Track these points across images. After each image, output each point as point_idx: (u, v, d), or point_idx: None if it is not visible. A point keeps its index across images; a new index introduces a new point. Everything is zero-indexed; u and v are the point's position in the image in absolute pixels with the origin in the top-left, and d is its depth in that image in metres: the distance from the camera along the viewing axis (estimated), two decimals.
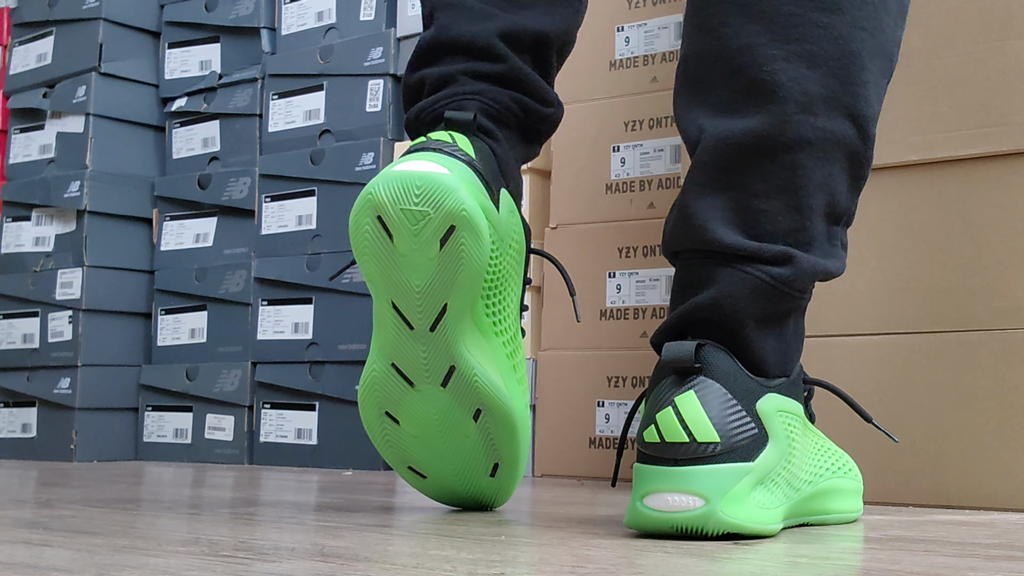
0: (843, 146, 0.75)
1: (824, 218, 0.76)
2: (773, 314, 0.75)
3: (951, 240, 1.00)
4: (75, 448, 1.86)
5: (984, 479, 0.96)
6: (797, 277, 0.74)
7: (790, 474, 0.75)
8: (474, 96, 0.86)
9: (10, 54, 2.12)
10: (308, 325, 1.74)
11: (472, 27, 0.87)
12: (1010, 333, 0.96)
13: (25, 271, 1.99)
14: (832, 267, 0.77)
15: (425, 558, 0.61)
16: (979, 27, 0.99)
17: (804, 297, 0.76)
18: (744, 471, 0.71)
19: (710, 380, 0.72)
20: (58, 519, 0.84)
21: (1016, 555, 0.64)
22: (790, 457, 0.75)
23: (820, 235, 0.75)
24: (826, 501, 0.81)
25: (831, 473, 0.81)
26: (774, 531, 0.74)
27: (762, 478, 0.72)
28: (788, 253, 0.73)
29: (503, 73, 0.87)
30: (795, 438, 0.75)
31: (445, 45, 0.88)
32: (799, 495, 0.77)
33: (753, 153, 0.74)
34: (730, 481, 0.70)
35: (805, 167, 0.74)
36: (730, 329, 0.73)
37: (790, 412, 0.75)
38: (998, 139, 0.98)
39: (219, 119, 1.92)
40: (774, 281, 0.73)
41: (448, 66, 0.87)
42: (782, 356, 0.76)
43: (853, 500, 0.84)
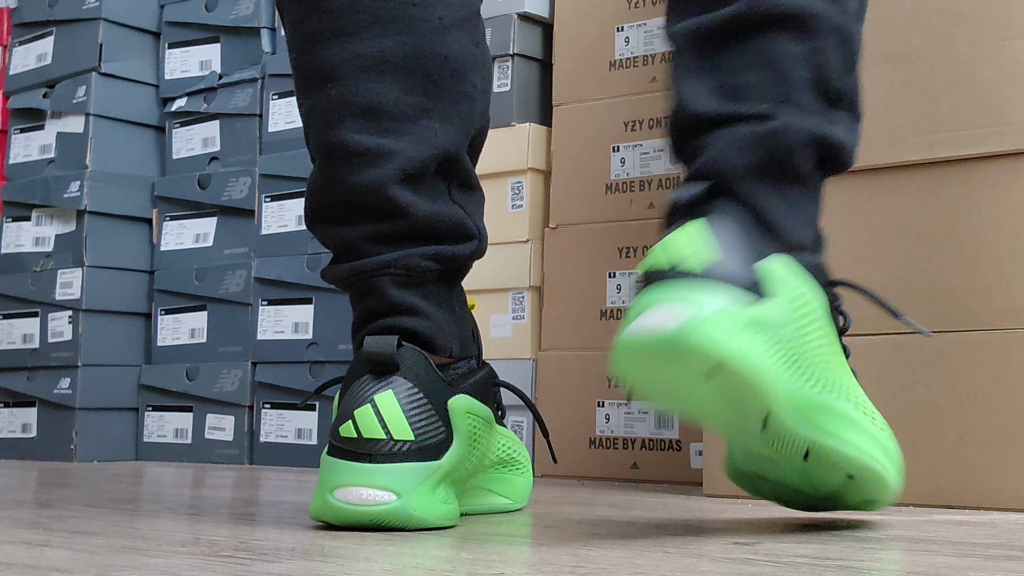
0: (824, 19, 0.73)
1: (814, 92, 0.73)
2: (770, 171, 0.72)
3: (951, 240, 1.00)
4: (75, 448, 1.86)
5: (984, 479, 0.96)
6: (782, 129, 0.71)
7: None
8: (381, 271, 0.79)
9: (10, 54, 2.12)
10: (308, 325, 1.74)
11: (363, 176, 0.79)
12: (1010, 333, 0.96)
13: (25, 271, 1.99)
14: (833, 133, 0.73)
15: (425, 558, 0.61)
16: (979, 27, 0.99)
17: (800, 162, 0.72)
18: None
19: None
20: (58, 519, 0.84)
21: (1016, 555, 0.64)
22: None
23: (811, 107, 0.73)
24: (835, 423, 0.72)
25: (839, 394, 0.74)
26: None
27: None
28: (770, 111, 0.72)
29: (406, 230, 0.79)
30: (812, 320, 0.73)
31: (337, 200, 0.80)
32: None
33: (731, 33, 0.73)
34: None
35: (782, 40, 0.72)
36: (729, 186, 0.71)
37: (803, 285, 0.72)
38: (998, 139, 0.98)
39: (219, 119, 1.92)
40: (756, 135, 0.71)
41: (347, 228, 0.80)
42: (800, 221, 0.73)
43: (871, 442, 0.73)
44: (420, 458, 0.75)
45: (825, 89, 0.73)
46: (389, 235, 0.80)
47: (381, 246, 0.80)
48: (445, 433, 0.77)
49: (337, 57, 0.79)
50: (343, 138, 0.79)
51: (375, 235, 0.80)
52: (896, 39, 1.03)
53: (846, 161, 0.76)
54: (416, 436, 0.75)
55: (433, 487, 0.76)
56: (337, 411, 0.78)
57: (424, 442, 0.75)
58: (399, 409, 0.75)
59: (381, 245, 0.80)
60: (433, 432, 0.76)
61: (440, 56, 0.80)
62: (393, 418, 0.74)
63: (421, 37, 0.80)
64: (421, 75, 0.80)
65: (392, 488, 0.74)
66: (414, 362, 0.77)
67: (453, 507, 0.79)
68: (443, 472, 0.77)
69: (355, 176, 0.79)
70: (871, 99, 1.03)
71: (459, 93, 0.81)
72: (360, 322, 0.82)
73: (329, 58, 0.80)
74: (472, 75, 0.82)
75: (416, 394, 0.76)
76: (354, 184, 0.79)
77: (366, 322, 0.81)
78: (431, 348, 0.80)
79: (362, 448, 0.74)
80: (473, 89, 0.82)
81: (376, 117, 0.79)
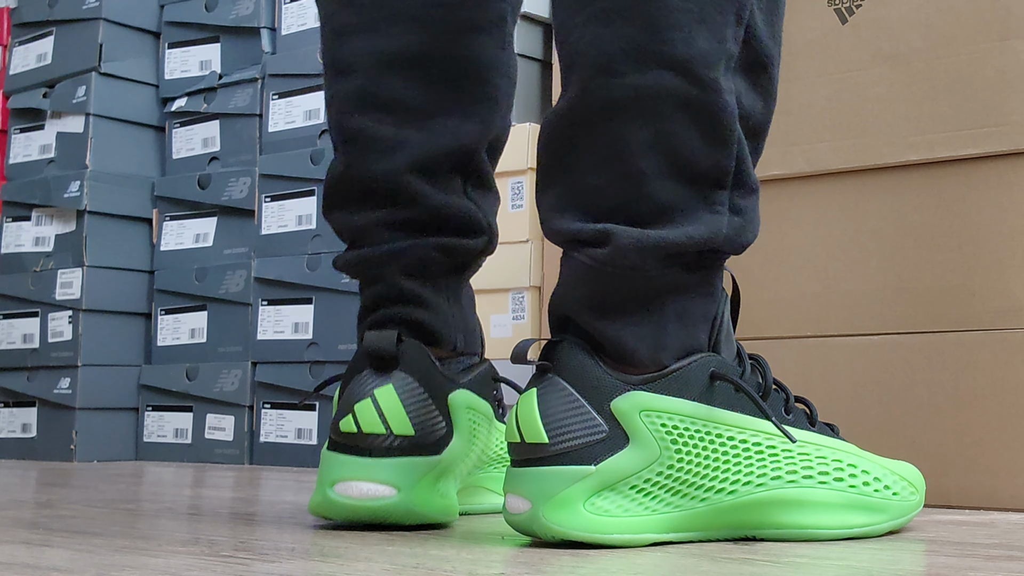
0: (668, 98, 0.66)
1: (675, 180, 0.67)
2: (617, 299, 0.68)
3: (951, 240, 1.00)
4: (75, 448, 1.86)
5: (984, 479, 0.96)
6: (616, 255, 0.66)
7: (667, 477, 0.67)
8: (391, 260, 0.79)
9: (10, 54, 2.12)
10: (308, 325, 1.74)
11: (380, 164, 0.80)
12: (1010, 333, 0.96)
13: (25, 271, 1.99)
14: (701, 234, 0.67)
15: (425, 558, 0.61)
16: (979, 27, 0.99)
17: (655, 275, 0.67)
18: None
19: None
20: (58, 519, 0.84)
21: (1016, 555, 0.64)
22: (666, 460, 0.67)
23: (675, 201, 0.67)
24: (771, 514, 0.69)
25: (779, 481, 0.69)
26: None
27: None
28: (606, 231, 0.66)
29: (417, 219, 0.80)
30: (674, 440, 0.67)
31: (354, 186, 0.81)
32: (685, 502, 0.68)
33: (569, 128, 0.69)
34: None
35: (622, 131, 0.66)
36: (569, 318, 0.69)
37: (664, 411, 0.66)
38: (998, 139, 0.98)
39: (219, 119, 1.92)
40: (594, 263, 0.67)
41: (361, 215, 0.81)
42: (652, 345, 0.68)
43: (834, 514, 0.70)
44: (420, 453, 0.75)
45: (688, 171, 0.67)
46: (401, 222, 0.80)
47: (393, 233, 0.80)
48: (446, 428, 0.77)
49: (362, 50, 0.81)
50: (362, 125, 0.81)
51: (387, 222, 0.80)
52: (896, 39, 1.03)
53: (733, 244, 0.69)
54: (416, 431, 0.75)
55: (433, 482, 0.76)
56: (337, 406, 0.78)
57: (424, 437, 0.75)
58: (399, 404, 0.75)
59: (393, 232, 0.80)
60: (433, 427, 0.76)
61: (461, 56, 0.81)
62: (393, 412, 0.74)
63: (443, 37, 0.81)
64: (442, 73, 0.81)
65: (392, 483, 0.74)
66: (415, 356, 0.76)
67: (452, 502, 0.78)
68: (443, 467, 0.77)
69: (371, 163, 0.80)
70: (871, 99, 1.03)
71: (480, 94, 0.82)
72: (367, 309, 0.82)
73: (354, 50, 0.81)
74: (495, 77, 0.83)
75: (417, 389, 0.76)
76: (370, 170, 0.80)
77: (372, 309, 0.81)
78: (435, 340, 0.80)
79: (362, 443, 0.74)
80: (496, 91, 0.83)
81: (395, 110, 0.80)
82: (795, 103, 1.07)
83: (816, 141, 1.06)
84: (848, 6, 1.05)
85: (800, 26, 1.07)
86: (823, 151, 1.06)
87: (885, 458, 0.75)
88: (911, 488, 0.74)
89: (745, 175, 0.69)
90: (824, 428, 0.74)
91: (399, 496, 0.74)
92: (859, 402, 1.02)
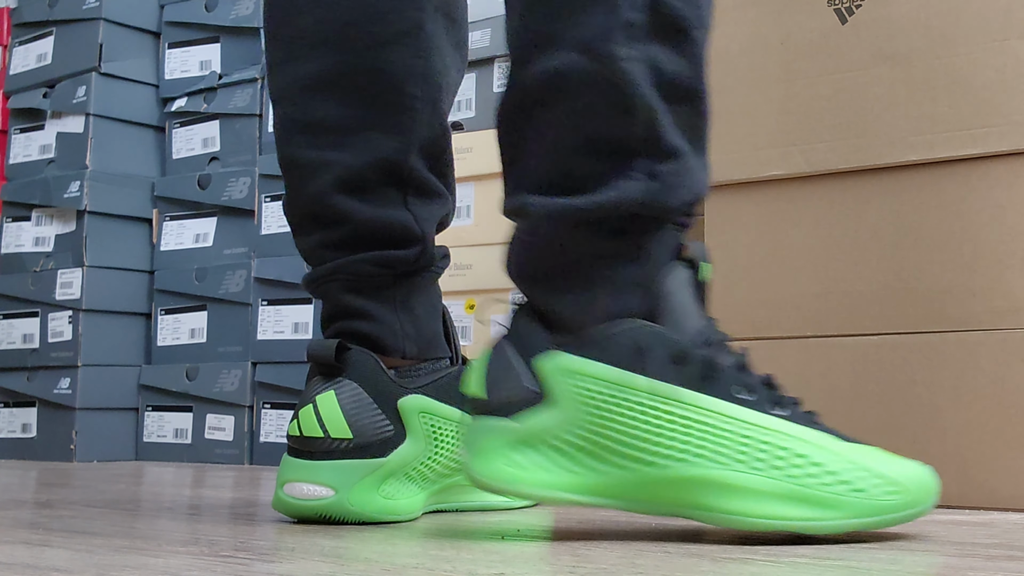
0: (573, 77, 0.68)
1: (589, 155, 0.69)
2: (546, 268, 0.71)
3: (951, 240, 1.00)
4: (75, 448, 1.86)
5: (984, 479, 0.96)
6: (532, 226, 0.70)
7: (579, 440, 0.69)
8: (331, 278, 0.83)
9: (10, 54, 2.12)
10: (308, 325, 1.74)
11: (309, 187, 0.84)
12: (1010, 333, 0.96)
13: (25, 271, 1.99)
14: (610, 199, 0.68)
15: (425, 558, 0.61)
16: (979, 27, 0.99)
17: (574, 243, 0.69)
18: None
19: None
20: (58, 519, 0.84)
21: (1016, 555, 0.64)
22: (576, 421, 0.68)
23: (591, 173, 0.69)
24: (698, 494, 0.67)
25: (706, 460, 0.67)
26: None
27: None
28: (523, 204, 0.70)
29: (350, 236, 0.83)
30: (587, 403, 0.68)
31: (295, 212, 0.86)
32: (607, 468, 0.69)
33: (504, 119, 0.73)
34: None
35: (541, 114, 0.70)
36: (522, 288, 0.72)
37: (581, 373, 0.68)
38: (998, 139, 0.98)
39: (219, 119, 1.92)
40: (520, 233, 0.71)
41: (304, 238, 0.86)
42: (579, 310, 0.69)
43: (764, 503, 0.67)
44: (360, 455, 0.80)
45: (599, 146, 0.69)
46: (335, 241, 0.84)
47: (331, 252, 0.84)
48: (394, 431, 0.81)
49: (284, 80, 0.86)
50: (291, 153, 0.85)
51: (325, 242, 0.84)
52: (896, 39, 1.03)
53: (653, 209, 0.69)
54: (355, 434, 0.80)
55: (376, 483, 0.80)
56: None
57: (367, 440, 0.80)
58: (338, 409, 0.80)
59: (331, 251, 0.84)
60: (378, 430, 0.80)
61: (376, 70, 0.84)
62: (331, 417, 0.79)
63: (356, 54, 0.84)
64: (358, 90, 0.84)
65: (329, 484, 0.79)
66: (362, 364, 0.81)
67: (399, 503, 0.81)
68: (388, 469, 0.81)
69: (302, 187, 0.85)
70: (871, 99, 1.03)
71: (397, 104, 0.84)
72: (322, 326, 0.87)
73: (279, 82, 0.86)
74: (412, 87, 0.85)
75: (360, 394, 0.80)
76: (302, 195, 0.85)
77: (324, 326, 0.86)
78: (380, 350, 0.83)
79: (304, 446, 0.80)
80: (413, 99, 0.85)
81: (318, 132, 0.84)
82: (795, 103, 1.07)
83: (816, 141, 1.06)
84: (848, 6, 1.05)
85: (800, 26, 1.07)
86: (823, 151, 1.06)
87: (879, 453, 0.70)
88: (891, 487, 0.67)
89: (660, 140, 0.69)
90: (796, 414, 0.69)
91: (336, 496, 0.79)
92: (859, 402, 1.02)
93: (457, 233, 1.51)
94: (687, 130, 0.70)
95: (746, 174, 1.10)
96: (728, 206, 1.12)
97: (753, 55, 1.10)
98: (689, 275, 0.71)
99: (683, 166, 0.70)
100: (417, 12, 0.84)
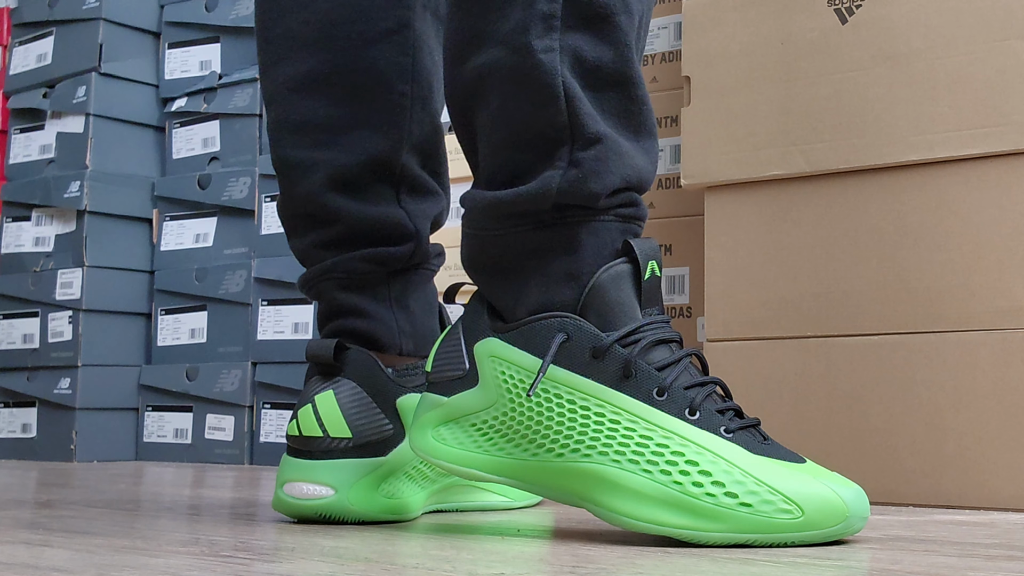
0: (498, 71, 0.70)
1: (516, 149, 0.70)
2: (484, 258, 0.73)
3: (951, 240, 1.00)
4: (75, 448, 1.86)
5: (984, 479, 0.96)
6: (468, 219, 0.73)
7: (510, 429, 0.70)
8: (325, 277, 0.84)
9: (10, 54, 2.12)
10: (308, 325, 1.74)
11: (300, 187, 0.84)
12: (1010, 333, 0.96)
13: (25, 271, 1.99)
14: (530, 189, 0.69)
15: (425, 558, 0.61)
16: (979, 27, 0.99)
17: (504, 234, 0.71)
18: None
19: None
20: (58, 519, 0.84)
21: (1016, 555, 0.64)
22: (501, 409, 0.70)
23: (521, 166, 0.70)
24: (590, 488, 0.68)
25: (602, 456, 0.67)
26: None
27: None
28: (464, 198, 0.73)
29: (344, 234, 0.84)
30: (508, 390, 0.70)
31: (288, 213, 0.86)
32: (524, 456, 0.70)
33: (453, 118, 0.75)
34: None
35: (475, 111, 0.72)
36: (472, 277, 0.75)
37: (505, 360, 0.70)
38: (998, 139, 0.98)
39: (219, 119, 1.92)
40: (463, 226, 0.73)
41: (299, 239, 0.86)
42: (512, 300, 0.71)
43: (644, 506, 0.66)
44: (359, 455, 0.80)
45: (525, 139, 0.70)
46: (329, 241, 0.84)
47: (325, 251, 0.84)
48: (393, 430, 0.81)
49: (275, 82, 0.86)
50: (283, 154, 0.85)
51: (318, 242, 0.84)
52: (896, 39, 1.03)
53: (575, 196, 0.69)
54: (355, 433, 0.80)
55: (375, 482, 0.80)
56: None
57: (366, 439, 0.80)
58: (337, 408, 0.80)
59: (325, 251, 0.84)
60: (378, 429, 0.80)
61: (363, 69, 0.84)
62: (330, 417, 0.80)
63: (343, 53, 0.84)
64: (346, 88, 0.84)
65: (329, 483, 0.79)
66: (360, 363, 0.81)
67: (399, 502, 0.81)
68: (389, 468, 0.80)
69: (294, 188, 0.85)
70: (871, 99, 1.03)
71: (386, 102, 0.85)
72: (319, 325, 0.87)
73: (269, 84, 0.87)
74: (400, 84, 0.85)
75: (359, 394, 0.81)
76: (294, 195, 0.85)
77: (321, 325, 0.86)
78: (377, 347, 0.83)
79: (303, 446, 0.80)
80: (402, 97, 0.85)
81: (308, 132, 0.85)
82: (795, 103, 1.07)
83: (816, 141, 1.06)
84: (848, 6, 1.05)
85: (800, 26, 1.07)
86: (823, 151, 1.06)
87: (811, 474, 0.66)
88: (785, 506, 0.64)
89: (581, 127, 0.69)
90: (711, 418, 0.67)
91: (336, 496, 0.79)
92: (859, 402, 1.02)
93: (454, 233, 1.51)
94: (617, 116, 0.71)
95: (746, 174, 1.10)
96: (728, 206, 1.12)
97: (753, 55, 1.10)
98: (628, 270, 0.70)
99: (607, 151, 0.70)
100: (404, 10, 0.85)
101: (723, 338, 1.11)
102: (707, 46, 1.13)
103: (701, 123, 1.13)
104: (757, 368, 1.08)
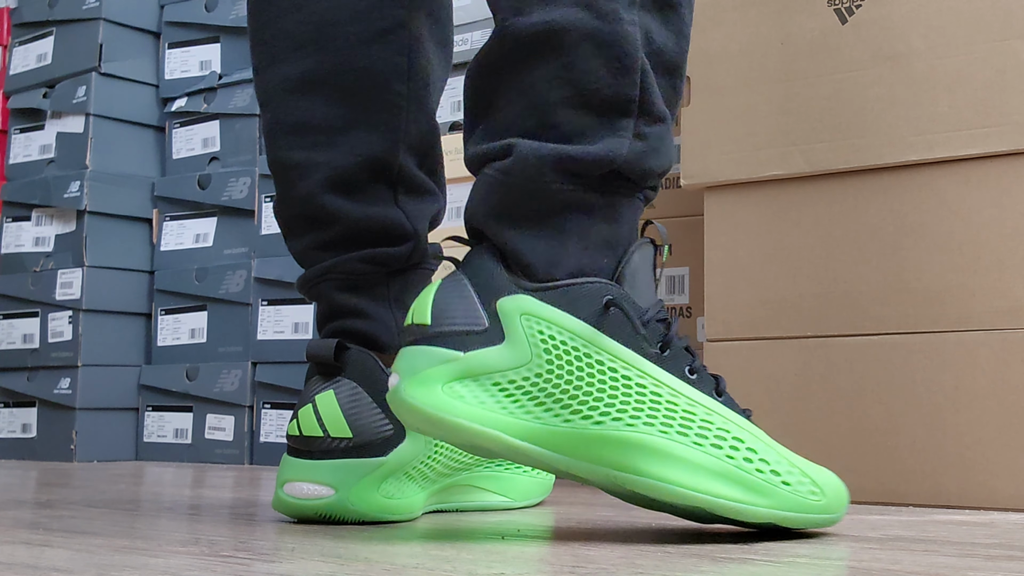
0: (573, 31, 0.68)
1: (580, 109, 0.69)
2: (521, 210, 0.70)
3: (951, 240, 1.00)
4: (75, 448, 1.86)
5: (984, 479, 0.96)
6: (517, 164, 0.69)
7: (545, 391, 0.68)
8: (323, 278, 0.84)
9: (10, 54, 2.12)
10: (308, 325, 1.74)
11: (298, 188, 0.84)
12: (1010, 333, 0.96)
13: (25, 271, 1.99)
14: (599, 150, 0.69)
15: (425, 558, 0.61)
16: (979, 27, 0.99)
17: (555, 188, 0.69)
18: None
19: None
20: (58, 519, 0.84)
21: (1016, 555, 0.64)
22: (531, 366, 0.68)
23: (578, 127, 0.69)
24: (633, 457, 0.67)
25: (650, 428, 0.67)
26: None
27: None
28: (509, 144, 0.69)
29: (342, 235, 0.84)
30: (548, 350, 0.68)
31: (286, 214, 0.86)
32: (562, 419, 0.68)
33: (488, 71, 0.72)
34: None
35: (533, 66, 0.70)
36: (480, 230, 0.71)
37: (545, 319, 0.68)
38: (998, 139, 0.98)
39: (219, 119, 1.92)
40: (499, 174, 0.70)
41: (297, 240, 0.86)
42: (548, 258, 0.69)
43: (699, 477, 0.67)
44: (360, 455, 0.80)
45: (592, 100, 0.69)
46: (327, 242, 0.84)
47: (324, 253, 0.84)
48: (393, 430, 0.81)
49: (270, 83, 0.86)
50: (280, 155, 0.86)
51: (317, 243, 0.84)
52: (896, 39, 1.03)
53: (634, 168, 0.70)
54: (355, 433, 0.79)
55: (376, 482, 0.80)
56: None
57: (367, 439, 0.80)
58: (337, 408, 0.79)
59: (323, 252, 0.84)
60: (378, 430, 0.80)
61: (359, 69, 0.84)
62: (330, 417, 0.79)
63: (339, 53, 0.84)
64: (342, 89, 0.84)
65: (329, 483, 0.79)
66: (361, 363, 0.81)
67: (399, 502, 0.81)
68: (389, 468, 0.80)
69: (291, 189, 0.85)
70: (871, 99, 1.03)
71: (382, 102, 0.84)
72: (319, 326, 0.87)
73: (265, 84, 0.86)
74: (397, 84, 0.85)
75: (359, 393, 0.80)
76: (292, 197, 0.85)
77: (320, 326, 0.86)
78: (376, 347, 0.83)
79: (304, 445, 0.80)
80: (398, 97, 0.85)
81: (305, 133, 0.84)
82: (795, 103, 1.07)
83: (816, 141, 1.06)
84: (848, 6, 1.05)
85: (800, 26, 1.07)
86: (823, 151, 1.06)
87: (800, 457, 0.70)
88: (813, 488, 0.68)
89: (651, 104, 0.70)
90: (732, 404, 0.71)
91: (336, 496, 0.79)
92: (859, 402, 1.02)
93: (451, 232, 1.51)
94: (667, 102, 0.72)
95: (746, 174, 1.10)
96: (728, 206, 1.12)
97: (753, 55, 1.10)
98: (652, 252, 0.72)
99: (666, 133, 0.72)
100: (399, 10, 0.85)
101: (723, 338, 1.11)
102: (707, 46, 1.13)
103: (701, 123, 1.13)
104: (757, 368, 1.08)
